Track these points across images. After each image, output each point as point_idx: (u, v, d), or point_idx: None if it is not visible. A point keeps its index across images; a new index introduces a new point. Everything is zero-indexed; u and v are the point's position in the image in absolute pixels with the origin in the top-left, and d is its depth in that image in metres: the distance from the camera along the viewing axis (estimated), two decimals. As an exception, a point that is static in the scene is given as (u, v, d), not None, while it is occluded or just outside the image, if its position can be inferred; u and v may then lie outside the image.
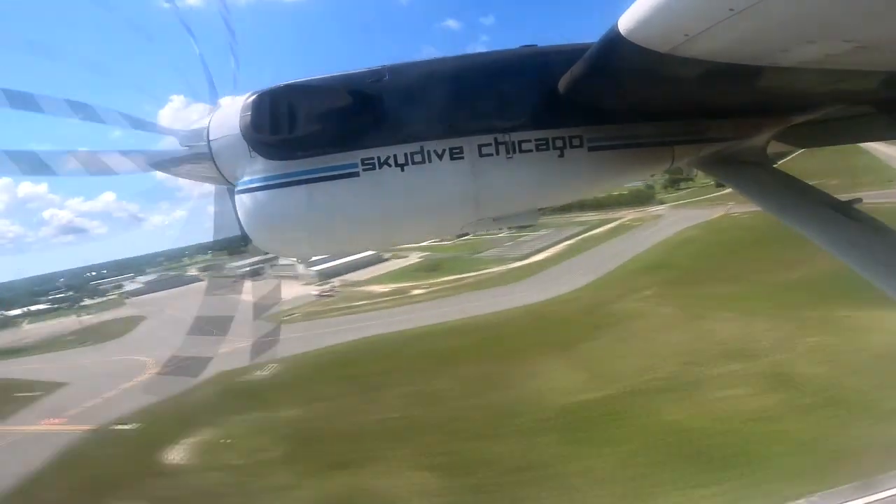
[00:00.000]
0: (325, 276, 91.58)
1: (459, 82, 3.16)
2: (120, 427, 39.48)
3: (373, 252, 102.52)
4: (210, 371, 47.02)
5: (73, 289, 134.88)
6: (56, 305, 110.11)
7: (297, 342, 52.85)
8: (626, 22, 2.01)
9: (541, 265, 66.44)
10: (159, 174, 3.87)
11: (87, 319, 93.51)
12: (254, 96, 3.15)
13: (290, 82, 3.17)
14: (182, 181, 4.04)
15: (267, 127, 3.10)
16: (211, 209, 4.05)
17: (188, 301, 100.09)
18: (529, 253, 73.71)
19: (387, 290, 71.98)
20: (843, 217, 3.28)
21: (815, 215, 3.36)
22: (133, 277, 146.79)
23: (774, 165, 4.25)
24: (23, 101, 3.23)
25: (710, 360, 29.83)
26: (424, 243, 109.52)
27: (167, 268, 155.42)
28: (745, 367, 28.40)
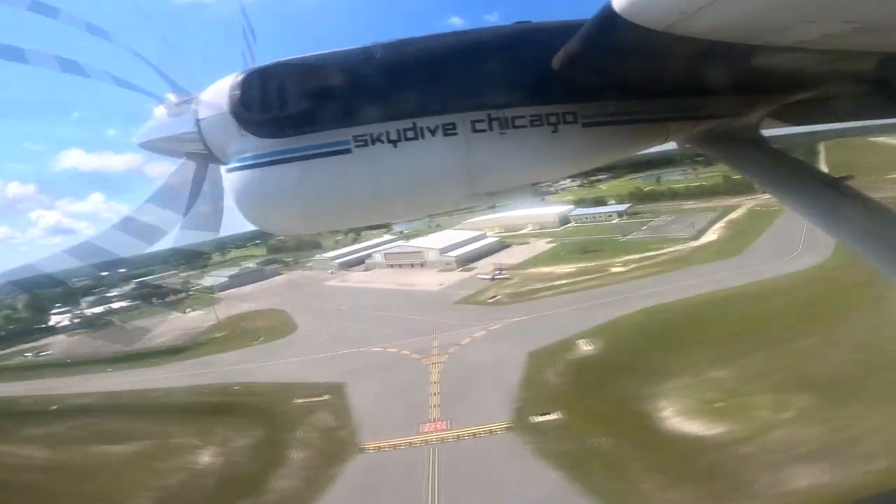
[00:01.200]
0: (461, 262, 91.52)
1: (452, 58, 3.17)
2: (541, 419, 33.69)
3: (496, 240, 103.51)
4: (526, 348, 45.83)
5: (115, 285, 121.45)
6: (136, 302, 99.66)
7: (561, 319, 53.12)
8: None
9: (729, 245, 70.77)
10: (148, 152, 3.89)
11: (199, 316, 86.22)
12: (242, 75, 3.19)
13: (279, 60, 3.21)
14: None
15: (256, 105, 3.12)
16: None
17: (298, 293, 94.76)
18: (697, 234, 79.07)
19: (572, 270, 74.10)
20: (834, 192, 3.35)
21: (807, 191, 3.45)
22: (177, 275, 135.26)
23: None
24: (9, 52, 3.21)
25: None
26: (528, 230, 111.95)
27: (229, 261, 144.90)
28: None
